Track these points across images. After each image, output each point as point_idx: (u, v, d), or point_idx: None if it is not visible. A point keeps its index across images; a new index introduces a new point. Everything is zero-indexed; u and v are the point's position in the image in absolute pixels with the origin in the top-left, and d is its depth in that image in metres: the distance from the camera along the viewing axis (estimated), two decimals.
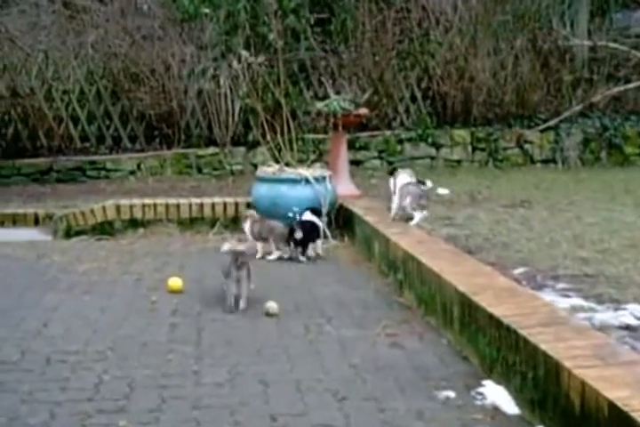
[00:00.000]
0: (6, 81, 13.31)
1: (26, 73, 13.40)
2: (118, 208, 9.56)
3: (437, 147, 13.95)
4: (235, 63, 10.80)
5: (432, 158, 13.90)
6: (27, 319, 6.05)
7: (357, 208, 9.03)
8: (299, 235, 8.13)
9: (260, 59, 10.23)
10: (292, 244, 8.19)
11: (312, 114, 12.26)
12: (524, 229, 7.92)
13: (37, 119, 13.14)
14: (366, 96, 10.67)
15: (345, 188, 9.71)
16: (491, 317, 4.62)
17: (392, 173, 8.83)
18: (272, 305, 6.20)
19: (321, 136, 12.93)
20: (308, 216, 8.42)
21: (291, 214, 8.49)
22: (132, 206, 9.59)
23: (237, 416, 4.24)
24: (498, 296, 5.00)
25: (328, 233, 8.80)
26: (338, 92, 10.48)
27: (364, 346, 5.41)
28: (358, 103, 9.87)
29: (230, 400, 4.46)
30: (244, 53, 10.32)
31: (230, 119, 13.00)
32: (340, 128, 9.81)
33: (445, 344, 5.41)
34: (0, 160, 12.87)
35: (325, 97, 10.51)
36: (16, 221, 10.16)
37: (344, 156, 10.02)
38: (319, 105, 9.89)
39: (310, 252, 8.25)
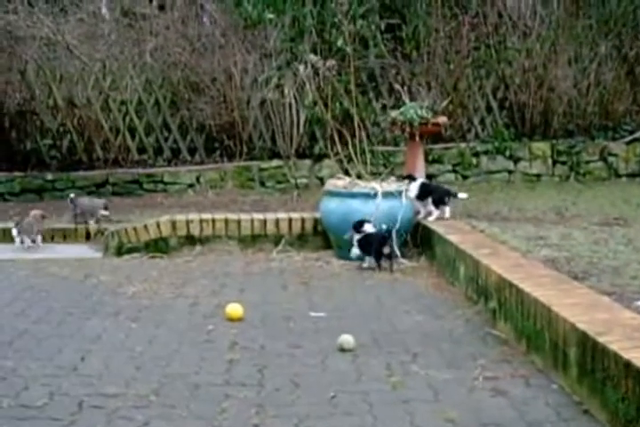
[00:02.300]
0: (63, 91, 12.67)
1: (83, 83, 12.72)
2: (174, 224, 8.78)
3: (515, 160, 12.97)
4: (302, 68, 9.97)
5: (509, 172, 12.95)
6: (63, 351, 5.27)
7: (437, 226, 8.12)
8: (386, 250, 7.68)
9: (330, 62, 9.39)
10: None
11: (383, 124, 11.42)
12: (631, 251, 6.92)
13: (94, 130, 12.47)
14: (445, 103, 9.80)
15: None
16: (627, 365, 3.67)
17: (408, 178, 8.57)
18: (347, 339, 5.32)
19: (391, 148, 12.10)
20: (369, 228, 7.82)
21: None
22: (188, 222, 8.81)
23: None
24: (630, 337, 4.04)
25: (398, 253, 7.94)
26: (413, 99, 9.59)
27: (460, 393, 4.50)
28: (436, 111, 8.99)
29: None
30: (313, 57, 9.48)
31: (295, 130, 12.18)
32: (417, 138, 8.93)
33: (558, 391, 4.46)
34: (55, 172, 12.19)
35: (395, 107, 9.67)
36: (66, 236, 9.47)
37: (421, 168, 9.16)
38: (394, 113, 9.04)
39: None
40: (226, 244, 8.79)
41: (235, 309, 6.07)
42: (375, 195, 8.09)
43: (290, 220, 8.87)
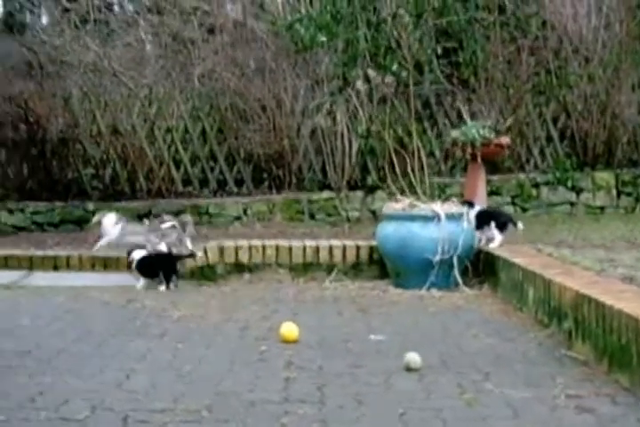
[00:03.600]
0: (107, 118, 12.47)
1: (128, 110, 12.48)
2: (222, 250, 8.42)
3: (577, 191, 12.48)
4: (359, 83, 9.65)
5: (571, 204, 12.46)
6: (105, 369, 4.86)
7: (501, 251, 7.67)
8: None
9: (389, 79, 9.05)
10: None
11: (445, 144, 11.02)
12: None
13: (137, 159, 12.24)
14: (509, 122, 9.40)
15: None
16: None
17: (467, 204, 8.24)
18: (414, 358, 4.87)
19: (447, 180, 11.69)
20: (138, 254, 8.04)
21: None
22: (237, 248, 8.44)
23: None
24: None
25: (460, 280, 7.51)
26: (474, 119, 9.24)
27: (541, 410, 4.05)
28: (499, 131, 8.59)
29: None
30: (372, 72, 9.16)
31: (347, 160, 11.83)
32: (479, 159, 8.52)
33: None
34: (96, 202, 11.90)
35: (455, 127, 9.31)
36: (107, 265, 9.12)
37: (482, 190, 8.77)
38: (455, 133, 8.67)
39: None
40: (276, 272, 8.40)
41: (289, 329, 5.66)
42: (436, 218, 7.65)
43: (344, 247, 8.47)
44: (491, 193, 11.93)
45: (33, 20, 15.86)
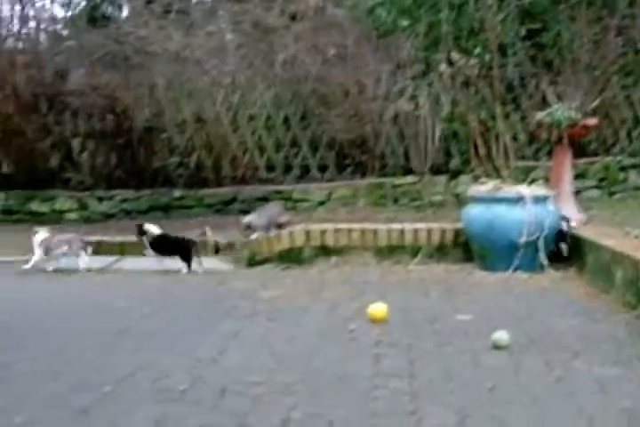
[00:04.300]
0: (191, 107, 12.60)
1: (211, 98, 12.61)
2: (308, 234, 8.48)
3: None
4: (444, 66, 9.59)
5: None
6: (200, 347, 5.01)
7: (588, 233, 7.60)
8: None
9: (472, 62, 9.00)
10: None
11: (530, 127, 10.89)
12: None
13: (221, 147, 12.36)
14: (596, 103, 9.26)
15: (569, 211, 8.29)
16: None
17: None
18: (502, 336, 4.91)
19: (531, 163, 11.56)
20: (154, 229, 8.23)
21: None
22: (323, 232, 8.49)
23: None
24: None
25: (546, 263, 7.48)
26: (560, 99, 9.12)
27: (629, 386, 4.10)
28: (586, 112, 8.49)
29: None
30: (455, 56, 9.11)
31: (430, 144, 11.80)
32: (565, 141, 8.44)
33: None
34: (182, 190, 12.08)
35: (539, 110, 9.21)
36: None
37: (568, 174, 8.66)
38: (540, 115, 8.57)
39: None
40: (361, 255, 8.42)
41: (378, 309, 5.73)
42: (522, 200, 7.61)
43: (429, 230, 8.46)
44: (577, 176, 11.81)
45: (115, 13, 16.07)
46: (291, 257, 8.40)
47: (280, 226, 8.79)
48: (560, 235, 7.74)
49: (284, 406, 3.76)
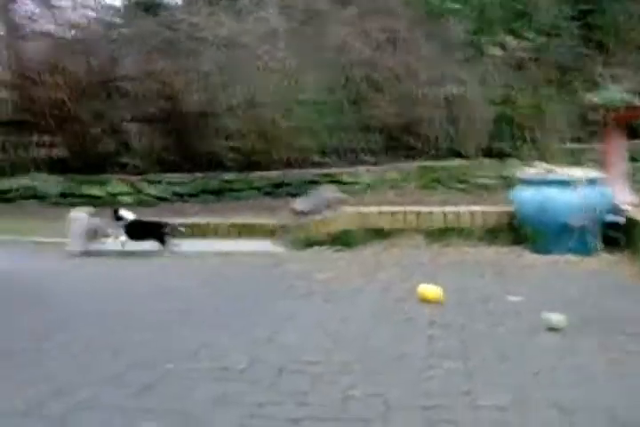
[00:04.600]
0: (243, 92, 12.68)
1: (262, 83, 12.69)
2: (360, 216, 8.55)
3: None
4: (494, 49, 9.60)
5: None
6: (258, 326, 5.12)
7: None
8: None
9: (523, 45, 8.99)
10: None
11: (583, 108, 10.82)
12: None
13: (272, 131, 12.42)
14: None
15: (621, 193, 8.27)
16: None
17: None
18: (557, 318, 4.96)
19: (583, 146, 11.51)
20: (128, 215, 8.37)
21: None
22: (375, 215, 8.55)
23: None
24: None
25: (597, 246, 7.49)
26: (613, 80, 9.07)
27: None
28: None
29: None
30: (507, 39, 9.11)
31: (479, 128, 11.78)
32: (618, 123, 8.41)
33: None
34: (233, 173, 12.21)
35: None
36: (249, 232, 9.35)
37: (620, 156, 8.61)
38: (592, 96, 8.54)
39: None
40: (412, 237, 8.47)
41: (431, 290, 5.81)
42: (573, 183, 7.62)
43: (479, 213, 8.49)
44: (629, 158, 11.75)
45: (168, 1, 16.20)
46: (343, 240, 8.47)
47: (332, 206, 8.85)
48: (612, 217, 7.73)
49: (343, 385, 3.85)
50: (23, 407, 3.63)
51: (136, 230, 8.40)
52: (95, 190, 12.51)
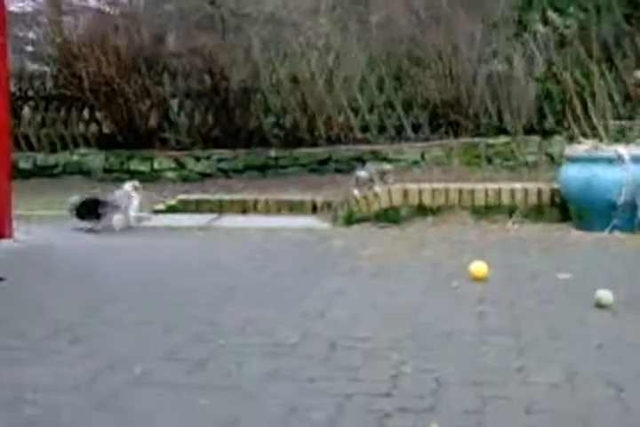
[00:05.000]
0: (287, 68, 12.69)
1: (306, 60, 12.68)
2: (406, 193, 8.55)
3: None
4: (539, 26, 9.52)
5: None
6: (306, 301, 5.16)
7: None
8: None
9: (567, 21, 8.92)
10: None
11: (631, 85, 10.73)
12: None
13: (316, 107, 12.40)
14: None
15: None
16: None
17: None
18: (606, 295, 4.95)
19: (627, 123, 11.40)
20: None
21: None
22: (420, 191, 8.55)
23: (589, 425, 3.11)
24: None
25: None
26: None
27: None
28: None
29: (575, 406, 3.32)
30: (551, 15, 9.04)
31: (523, 104, 11.70)
32: None
33: None
34: (278, 150, 12.23)
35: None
36: (292, 208, 9.37)
37: None
38: (637, 73, 8.46)
39: None
40: (458, 214, 8.45)
41: (479, 267, 5.79)
42: (620, 159, 7.57)
43: (525, 190, 8.45)
44: None
45: None
46: (388, 216, 8.48)
47: (384, 176, 8.83)
48: None
49: (394, 361, 3.87)
50: (73, 383, 3.66)
51: (83, 210, 8.32)
52: (140, 166, 12.59)
